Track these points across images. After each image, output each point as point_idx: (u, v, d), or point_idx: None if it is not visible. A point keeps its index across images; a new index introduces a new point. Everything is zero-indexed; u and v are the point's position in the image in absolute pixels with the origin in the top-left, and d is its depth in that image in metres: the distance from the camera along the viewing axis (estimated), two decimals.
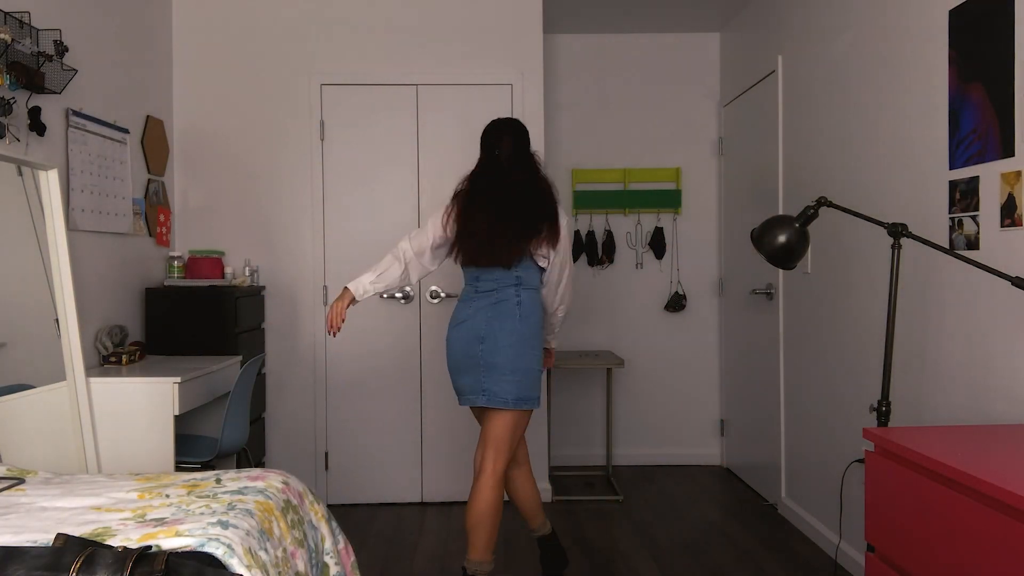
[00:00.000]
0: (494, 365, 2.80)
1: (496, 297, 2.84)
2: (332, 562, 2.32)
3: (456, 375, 2.91)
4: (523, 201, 2.85)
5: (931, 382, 2.74)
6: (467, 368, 2.85)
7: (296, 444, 4.33)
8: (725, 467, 5.09)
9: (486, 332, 2.81)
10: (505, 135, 2.94)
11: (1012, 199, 2.29)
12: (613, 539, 3.75)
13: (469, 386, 2.86)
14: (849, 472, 3.26)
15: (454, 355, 2.89)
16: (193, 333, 3.80)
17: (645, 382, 5.19)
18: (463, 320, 2.87)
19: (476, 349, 2.81)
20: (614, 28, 5.04)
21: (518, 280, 2.85)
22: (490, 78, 4.34)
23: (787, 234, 2.51)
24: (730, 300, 4.95)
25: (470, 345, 2.82)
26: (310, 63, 4.32)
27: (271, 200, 4.32)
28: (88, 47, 3.41)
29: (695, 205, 5.17)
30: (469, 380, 2.85)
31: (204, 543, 1.73)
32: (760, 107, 4.40)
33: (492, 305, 2.83)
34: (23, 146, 2.93)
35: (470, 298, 2.90)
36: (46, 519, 1.89)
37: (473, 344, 2.82)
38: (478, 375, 2.82)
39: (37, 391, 2.87)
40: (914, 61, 2.84)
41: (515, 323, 2.82)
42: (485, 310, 2.83)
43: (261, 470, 2.37)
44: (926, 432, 1.99)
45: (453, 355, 2.89)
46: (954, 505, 1.67)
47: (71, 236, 3.17)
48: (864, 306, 3.22)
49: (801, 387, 3.85)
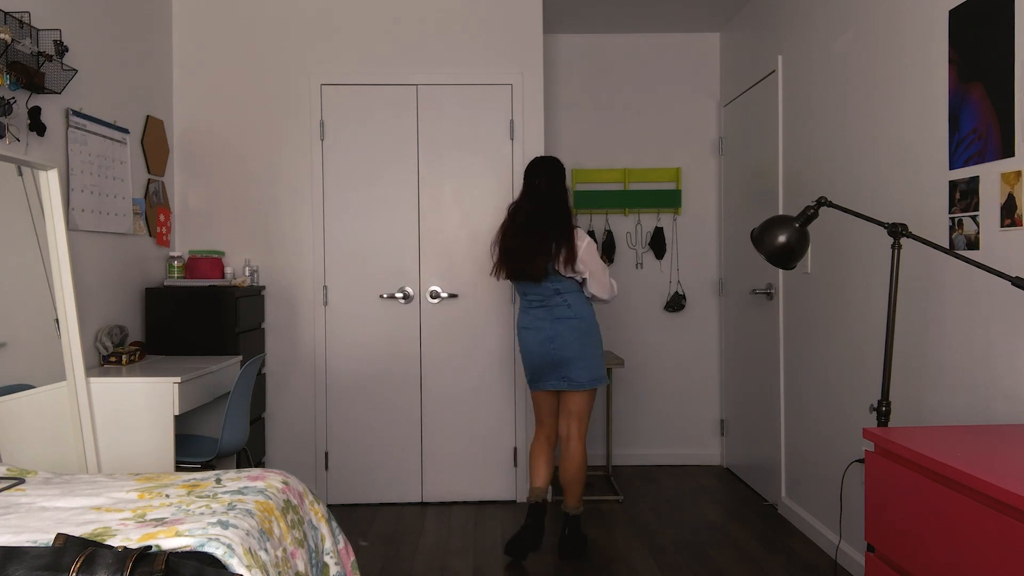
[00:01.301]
0: (567, 358, 3.41)
1: (550, 304, 3.44)
2: (332, 562, 2.32)
3: (535, 369, 3.49)
4: (543, 228, 3.39)
5: (931, 382, 2.74)
6: (545, 362, 3.44)
7: (296, 444, 4.33)
8: (725, 467, 5.09)
9: (554, 333, 3.42)
10: (542, 171, 3.49)
11: (1012, 199, 2.29)
12: (613, 539, 3.75)
13: (549, 375, 3.46)
14: (849, 472, 3.26)
15: (530, 354, 3.49)
16: (193, 333, 3.80)
17: (645, 382, 5.19)
18: (527, 327, 3.50)
19: (548, 348, 3.42)
20: (614, 28, 5.04)
21: (557, 291, 3.42)
22: (490, 78, 4.34)
23: (787, 234, 2.51)
24: (730, 300, 4.95)
25: (542, 345, 3.43)
26: (310, 63, 4.32)
27: (271, 200, 4.32)
28: (88, 47, 3.41)
29: (695, 205, 5.17)
30: (548, 371, 3.45)
31: (204, 543, 1.73)
32: (760, 107, 4.40)
33: (549, 311, 3.43)
34: (23, 146, 2.93)
35: (526, 308, 3.54)
36: (46, 519, 1.89)
37: (545, 344, 3.43)
38: (557, 367, 3.43)
39: (37, 391, 2.87)
40: (914, 61, 2.84)
41: (573, 323, 3.42)
42: (546, 318, 3.43)
43: (261, 470, 2.37)
44: (926, 432, 1.99)
45: (530, 354, 3.49)
46: (954, 505, 1.67)
47: (71, 236, 3.18)
48: (864, 306, 3.22)
49: (801, 387, 3.85)
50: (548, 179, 3.47)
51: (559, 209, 3.44)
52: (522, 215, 3.44)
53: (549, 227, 3.38)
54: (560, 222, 3.40)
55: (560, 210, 3.44)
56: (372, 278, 4.34)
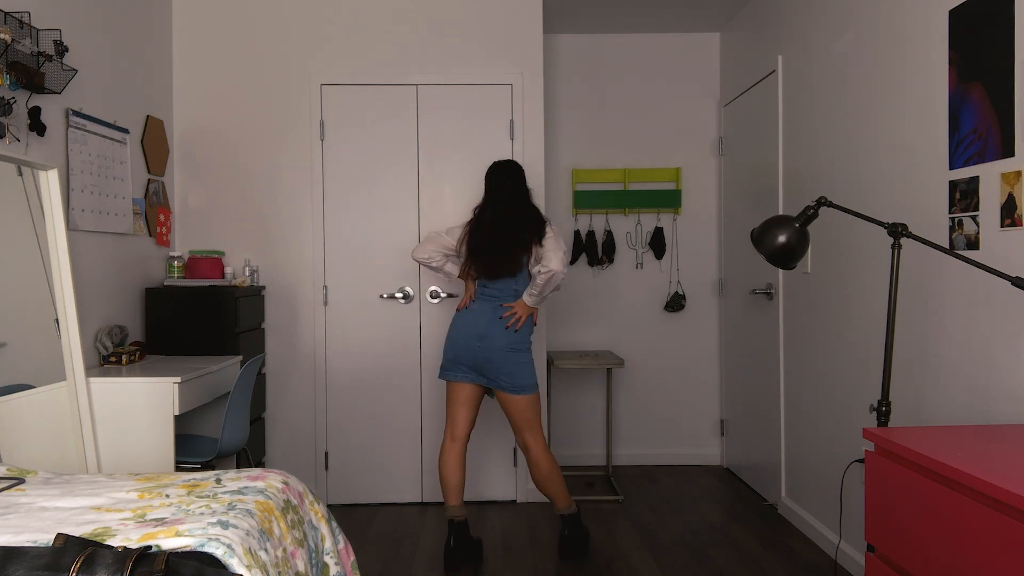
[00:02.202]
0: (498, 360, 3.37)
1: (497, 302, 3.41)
2: (332, 562, 2.32)
3: (457, 355, 3.44)
4: (515, 227, 3.41)
5: (931, 382, 2.74)
6: (462, 357, 3.41)
7: (296, 444, 4.33)
8: (725, 467, 5.09)
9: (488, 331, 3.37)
10: (504, 175, 3.51)
11: (1012, 199, 2.29)
12: (613, 539, 3.75)
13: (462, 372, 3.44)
14: (849, 472, 3.26)
15: (458, 339, 3.44)
16: (193, 333, 3.80)
17: (645, 382, 5.19)
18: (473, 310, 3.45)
19: (475, 344, 3.38)
20: (614, 28, 5.04)
21: (516, 291, 3.42)
22: (490, 78, 4.34)
23: (787, 234, 2.51)
24: (730, 300, 4.95)
25: (471, 340, 3.39)
26: (310, 63, 4.32)
27: (271, 200, 4.32)
28: (88, 47, 3.41)
29: (695, 205, 5.17)
30: (476, 367, 3.42)
31: (204, 543, 1.73)
32: (760, 107, 4.40)
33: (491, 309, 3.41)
34: (23, 146, 2.93)
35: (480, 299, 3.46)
36: (46, 519, 1.89)
37: (473, 340, 3.38)
38: (483, 366, 3.39)
39: (37, 391, 2.87)
40: (914, 61, 2.84)
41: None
42: (481, 313, 3.41)
43: (261, 470, 2.37)
44: (926, 432, 1.99)
45: (464, 337, 3.43)
46: (954, 505, 1.67)
47: (71, 236, 3.18)
48: (864, 306, 3.22)
49: (801, 387, 3.85)
50: (512, 180, 3.49)
51: (528, 206, 3.48)
52: (488, 214, 3.45)
53: (522, 224, 3.41)
54: (532, 217, 3.44)
55: (529, 207, 3.48)
56: (372, 278, 4.34)
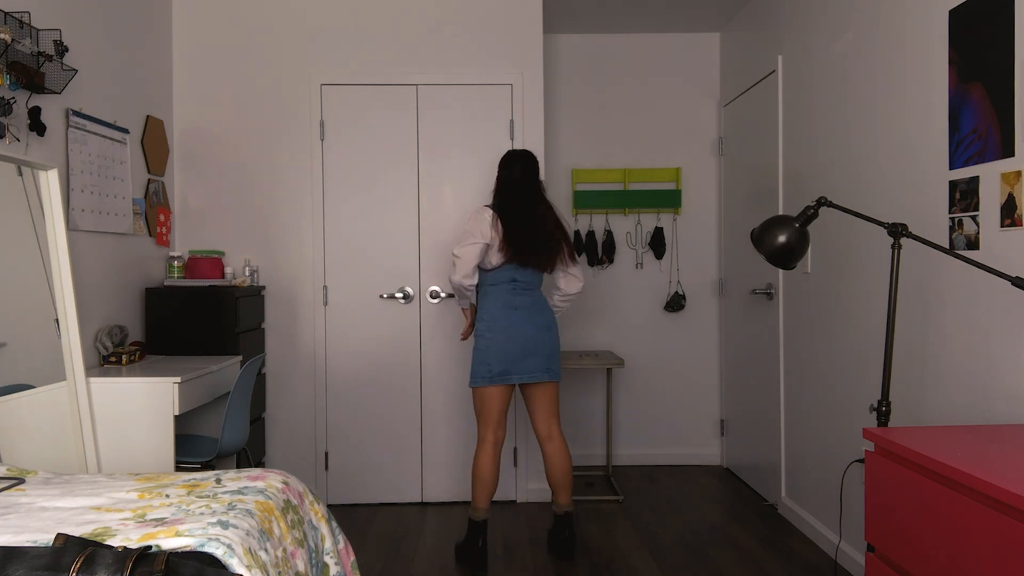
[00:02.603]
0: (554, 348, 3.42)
1: (536, 295, 3.44)
2: (332, 562, 2.32)
3: (512, 357, 3.34)
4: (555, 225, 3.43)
5: (931, 382, 2.74)
6: (529, 349, 3.35)
7: (296, 444, 4.33)
8: (725, 467, 5.09)
9: (548, 322, 3.42)
10: (531, 165, 3.48)
11: (1012, 199, 2.29)
12: (613, 539, 3.75)
13: (524, 365, 3.35)
14: (849, 472, 3.26)
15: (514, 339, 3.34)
16: (193, 333, 3.80)
17: (645, 382, 5.19)
18: (518, 307, 3.37)
19: (545, 335, 3.39)
20: (614, 28, 5.04)
21: (540, 283, 3.47)
22: (490, 78, 4.34)
23: (787, 234, 2.51)
24: (730, 300, 4.95)
25: (537, 332, 3.37)
26: (310, 63, 4.32)
27: (271, 200, 4.32)
28: (88, 47, 3.41)
29: (695, 205, 5.17)
30: (528, 360, 3.35)
31: (204, 543, 1.73)
32: (760, 107, 4.40)
33: (536, 300, 3.43)
34: (23, 146, 2.93)
35: (513, 291, 3.39)
36: (46, 519, 1.89)
37: (542, 331, 3.39)
38: (539, 355, 3.36)
39: (37, 391, 2.87)
40: (914, 61, 2.84)
41: (551, 315, 3.48)
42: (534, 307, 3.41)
43: (261, 470, 2.37)
44: (926, 432, 1.99)
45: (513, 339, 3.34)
46: (954, 505, 1.67)
47: (71, 236, 3.18)
48: (864, 306, 3.22)
49: (801, 387, 3.85)
50: (535, 173, 3.49)
51: (550, 205, 3.48)
52: (520, 200, 3.40)
53: (560, 228, 3.45)
54: (563, 224, 3.49)
55: (551, 206, 3.49)
56: (372, 278, 4.34)
